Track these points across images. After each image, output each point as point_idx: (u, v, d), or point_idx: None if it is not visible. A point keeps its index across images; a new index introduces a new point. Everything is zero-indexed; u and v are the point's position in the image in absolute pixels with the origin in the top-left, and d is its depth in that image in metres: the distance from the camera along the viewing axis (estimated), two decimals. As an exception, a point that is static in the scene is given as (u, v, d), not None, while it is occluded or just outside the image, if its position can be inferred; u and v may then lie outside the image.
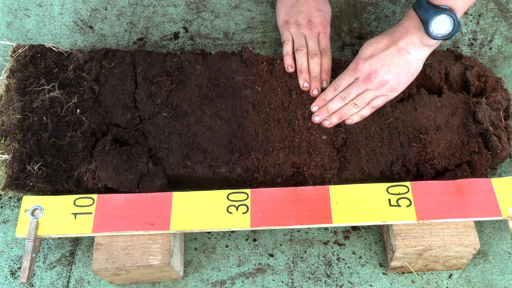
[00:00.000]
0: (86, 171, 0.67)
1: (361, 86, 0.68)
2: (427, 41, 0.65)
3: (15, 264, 0.69)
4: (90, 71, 0.73)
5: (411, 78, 0.69)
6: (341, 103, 0.69)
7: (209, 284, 0.67)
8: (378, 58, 0.67)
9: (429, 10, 0.62)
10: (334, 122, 0.69)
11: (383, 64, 0.67)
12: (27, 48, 0.73)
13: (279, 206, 0.64)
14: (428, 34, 0.63)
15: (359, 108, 0.69)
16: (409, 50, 0.66)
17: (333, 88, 0.70)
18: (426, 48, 0.67)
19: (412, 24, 0.65)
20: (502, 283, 0.67)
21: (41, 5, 0.90)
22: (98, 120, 0.70)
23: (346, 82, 0.70)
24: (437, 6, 0.62)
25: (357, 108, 0.69)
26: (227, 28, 0.89)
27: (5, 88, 0.71)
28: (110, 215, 0.64)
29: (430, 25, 0.62)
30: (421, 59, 0.67)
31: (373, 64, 0.67)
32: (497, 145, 0.68)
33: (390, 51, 0.67)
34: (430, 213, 0.63)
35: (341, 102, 0.69)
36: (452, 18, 0.62)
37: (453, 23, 0.62)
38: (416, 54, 0.67)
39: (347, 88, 0.69)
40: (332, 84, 0.71)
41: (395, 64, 0.67)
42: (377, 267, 0.69)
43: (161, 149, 0.68)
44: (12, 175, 0.66)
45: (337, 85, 0.70)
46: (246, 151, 0.67)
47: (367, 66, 0.68)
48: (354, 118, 0.69)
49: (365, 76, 0.68)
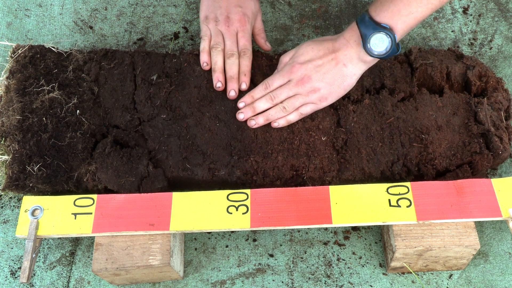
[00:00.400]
0: (86, 172, 0.67)
1: (293, 89, 0.67)
2: (364, 56, 0.64)
3: (15, 264, 0.69)
4: (90, 72, 0.73)
5: (343, 92, 0.67)
6: (269, 103, 0.68)
7: (209, 284, 0.67)
8: (314, 64, 0.66)
9: (370, 26, 0.61)
10: (260, 123, 0.68)
11: (318, 71, 0.66)
12: (26, 49, 0.73)
13: (279, 206, 0.64)
14: (366, 50, 0.62)
15: (287, 112, 0.67)
16: (346, 63, 0.65)
17: (264, 86, 0.69)
18: (362, 64, 0.65)
19: (353, 37, 0.64)
20: (503, 283, 0.67)
21: (41, 5, 0.90)
22: (98, 121, 0.70)
23: (278, 82, 0.68)
24: (378, 23, 0.61)
25: (285, 112, 0.67)
26: (227, 28, 0.89)
27: (5, 89, 0.71)
28: (110, 215, 0.64)
29: (368, 41, 0.62)
30: (356, 74, 0.66)
31: (308, 69, 0.66)
32: (499, 146, 0.68)
33: (328, 60, 0.66)
34: (430, 213, 0.63)
35: (269, 102, 0.68)
36: (390, 37, 0.61)
37: (390, 42, 0.61)
38: (352, 69, 0.66)
39: (278, 89, 0.68)
40: (263, 82, 0.69)
41: (330, 74, 0.66)
42: (377, 268, 0.69)
43: (160, 152, 0.68)
44: (12, 176, 0.66)
45: (269, 83, 0.68)
46: (245, 153, 0.67)
47: (302, 70, 0.66)
48: (281, 122, 0.67)
49: (298, 79, 0.67)
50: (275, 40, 0.88)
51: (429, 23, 0.88)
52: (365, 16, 0.62)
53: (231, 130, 0.69)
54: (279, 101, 0.68)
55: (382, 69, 0.74)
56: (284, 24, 0.89)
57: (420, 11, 0.60)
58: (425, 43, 0.87)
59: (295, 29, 0.89)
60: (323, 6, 0.91)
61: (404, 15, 0.60)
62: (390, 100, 0.72)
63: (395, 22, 0.61)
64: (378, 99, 0.72)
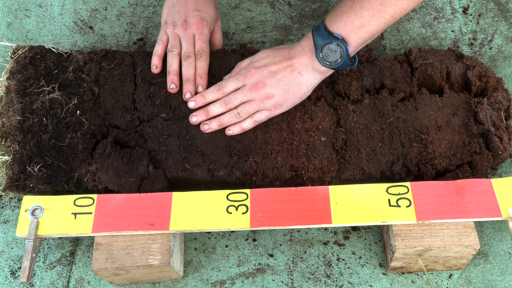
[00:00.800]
0: (86, 172, 0.67)
1: (247, 94, 0.66)
2: (317, 66, 0.64)
3: (15, 264, 0.69)
4: (90, 72, 0.73)
5: (298, 100, 0.67)
6: (223, 108, 0.67)
7: (209, 284, 0.67)
8: (270, 71, 0.66)
9: (323, 35, 0.61)
10: (213, 127, 0.67)
11: (273, 78, 0.65)
12: (27, 50, 0.73)
13: (279, 206, 0.64)
14: (318, 60, 0.62)
15: (241, 118, 0.67)
16: (301, 71, 0.65)
17: (217, 87, 0.68)
18: (317, 74, 0.65)
19: (308, 46, 0.64)
20: (503, 283, 0.67)
21: (41, 5, 0.90)
22: (98, 121, 0.70)
23: (232, 86, 0.67)
24: (331, 33, 0.61)
25: (239, 118, 0.67)
26: (227, 28, 0.89)
27: (5, 90, 0.71)
28: (110, 215, 0.64)
29: (320, 50, 0.61)
30: (311, 83, 0.66)
31: (264, 75, 0.66)
32: (499, 146, 0.68)
33: (284, 67, 0.65)
34: (430, 213, 0.63)
35: (224, 107, 0.67)
36: (342, 48, 0.60)
37: (341, 53, 0.61)
38: (307, 77, 0.65)
39: (233, 94, 0.67)
40: (217, 84, 0.68)
41: (285, 81, 0.65)
42: (377, 268, 0.69)
43: (160, 152, 0.68)
44: (12, 176, 0.66)
45: (223, 86, 0.68)
46: (244, 154, 0.67)
47: (257, 75, 0.66)
48: (235, 129, 0.67)
49: (252, 84, 0.66)
50: (275, 40, 0.88)
51: (429, 23, 0.88)
52: (321, 25, 0.62)
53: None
54: (233, 106, 0.67)
55: (382, 69, 0.74)
56: (284, 24, 0.89)
57: (373, 25, 0.60)
58: (425, 43, 0.87)
59: (295, 29, 0.89)
60: (323, 6, 0.91)
61: (357, 27, 0.60)
62: (390, 100, 0.72)
63: (348, 33, 0.60)
64: (378, 99, 0.72)
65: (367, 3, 0.59)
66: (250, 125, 0.67)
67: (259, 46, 0.87)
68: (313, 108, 0.70)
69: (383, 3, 0.58)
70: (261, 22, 0.89)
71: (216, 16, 0.77)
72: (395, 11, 0.59)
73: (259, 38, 0.88)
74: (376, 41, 0.87)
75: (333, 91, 0.73)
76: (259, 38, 0.88)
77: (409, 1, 0.58)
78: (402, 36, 0.88)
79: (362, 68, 0.75)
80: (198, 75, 0.70)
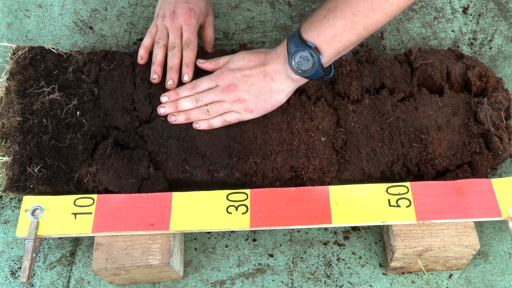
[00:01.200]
0: (86, 173, 0.67)
1: (218, 95, 0.66)
2: (290, 73, 0.63)
3: (15, 264, 0.69)
4: (90, 73, 0.73)
5: (269, 107, 0.66)
6: (193, 104, 0.67)
7: (209, 284, 0.67)
8: (243, 74, 0.66)
9: (297, 43, 0.60)
10: (180, 120, 0.67)
11: (246, 82, 0.65)
12: (27, 50, 0.73)
13: (279, 206, 0.64)
14: (291, 67, 0.62)
15: (210, 116, 0.67)
16: (274, 77, 0.64)
17: (191, 86, 0.68)
18: (290, 81, 0.64)
19: (283, 53, 0.63)
20: (503, 283, 0.67)
21: (41, 6, 0.90)
22: (98, 122, 0.70)
23: (206, 85, 0.68)
24: (305, 41, 0.60)
25: (208, 115, 0.67)
26: (227, 28, 0.89)
27: (5, 91, 0.71)
28: (110, 215, 0.64)
29: (293, 58, 0.61)
30: (284, 91, 0.65)
31: (237, 78, 0.66)
32: (499, 146, 0.68)
33: (257, 72, 0.65)
34: (430, 213, 0.63)
35: (194, 104, 0.67)
36: (314, 57, 0.60)
37: (313, 62, 0.60)
38: (279, 84, 0.65)
39: (205, 92, 0.67)
40: (192, 82, 0.69)
41: (257, 86, 0.65)
42: (377, 268, 0.69)
43: (160, 153, 0.68)
44: (12, 177, 0.66)
45: (197, 84, 0.68)
46: (244, 155, 0.67)
47: (230, 77, 0.66)
48: (203, 124, 0.67)
49: (224, 86, 0.66)
50: (275, 40, 0.88)
51: (429, 23, 0.88)
52: (296, 32, 0.62)
53: (230, 131, 0.69)
54: (204, 104, 0.67)
55: (382, 69, 0.74)
56: (284, 24, 0.89)
57: (345, 35, 0.59)
58: (425, 43, 0.87)
59: (295, 29, 0.89)
60: (323, 6, 0.91)
61: (330, 37, 0.59)
62: (390, 100, 0.72)
63: (321, 42, 0.60)
64: (378, 99, 0.72)
65: (340, 13, 0.58)
66: (218, 123, 0.67)
67: (259, 46, 0.87)
68: (313, 108, 0.70)
69: (355, 13, 0.57)
70: (261, 22, 0.89)
71: (207, 10, 0.77)
72: (367, 23, 0.58)
73: (259, 38, 0.88)
74: (376, 41, 0.87)
75: (333, 91, 0.73)
76: (259, 38, 0.88)
77: (381, 13, 0.57)
78: (402, 36, 0.87)
79: (362, 68, 0.74)
80: (184, 64, 0.70)
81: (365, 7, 0.56)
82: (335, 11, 0.58)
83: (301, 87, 0.73)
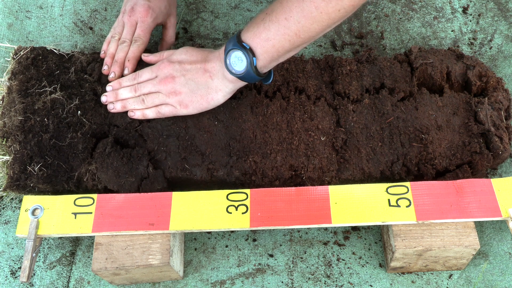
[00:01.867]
0: (86, 172, 0.67)
1: (156, 86, 0.67)
2: (226, 73, 0.63)
3: (15, 264, 0.69)
4: (93, 71, 0.73)
5: (206, 104, 0.66)
6: (131, 94, 0.68)
7: (209, 284, 0.67)
8: (182, 67, 0.66)
9: (233, 42, 0.61)
10: (117, 108, 0.68)
11: (184, 75, 0.65)
12: (28, 50, 0.74)
13: (279, 206, 0.64)
14: (226, 66, 0.62)
15: (145, 106, 0.68)
16: (212, 75, 0.65)
17: (133, 76, 0.70)
18: (226, 82, 0.64)
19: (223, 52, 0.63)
20: (503, 283, 0.67)
21: (41, 7, 0.90)
22: (99, 121, 0.70)
23: (147, 76, 0.69)
24: (241, 41, 0.60)
25: (143, 105, 0.68)
26: (227, 28, 0.89)
27: (7, 90, 0.72)
28: (110, 215, 0.64)
29: (228, 57, 0.61)
30: (221, 90, 0.65)
31: (175, 70, 0.66)
32: (499, 146, 0.68)
33: (197, 67, 0.65)
34: (430, 213, 0.63)
35: (132, 93, 0.68)
36: (247, 58, 0.59)
37: (247, 63, 0.60)
38: (217, 83, 0.65)
39: (144, 83, 0.68)
40: (134, 73, 0.70)
41: (194, 81, 0.65)
42: (377, 268, 0.68)
43: (159, 152, 0.68)
44: (13, 176, 0.66)
45: (139, 75, 0.69)
46: (244, 154, 0.67)
47: (169, 68, 0.67)
48: (137, 113, 0.68)
49: (162, 77, 0.67)
50: (275, 40, 0.88)
51: (429, 23, 0.88)
52: (237, 33, 0.62)
53: (230, 130, 0.69)
54: (141, 94, 0.68)
55: (382, 68, 0.74)
56: (284, 25, 0.89)
57: (278, 40, 0.58)
58: (425, 43, 0.87)
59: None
60: (323, 6, 0.91)
61: (264, 40, 0.59)
62: (390, 99, 0.72)
63: (255, 44, 0.59)
64: (377, 99, 0.72)
65: (275, 17, 0.58)
66: (153, 115, 0.68)
67: (259, 46, 0.87)
68: (312, 107, 0.70)
69: (287, 18, 0.57)
70: (261, 22, 0.89)
71: (168, 10, 0.78)
72: (298, 29, 0.57)
73: (259, 38, 0.88)
74: (376, 41, 0.87)
75: (333, 91, 0.73)
76: (259, 38, 0.88)
77: (311, 20, 0.56)
78: (402, 36, 0.87)
79: (362, 67, 0.75)
80: (127, 58, 0.72)
81: (297, 13, 0.56)
82: (271, 14, 0.58)
83: (301, 86, 0.73)
